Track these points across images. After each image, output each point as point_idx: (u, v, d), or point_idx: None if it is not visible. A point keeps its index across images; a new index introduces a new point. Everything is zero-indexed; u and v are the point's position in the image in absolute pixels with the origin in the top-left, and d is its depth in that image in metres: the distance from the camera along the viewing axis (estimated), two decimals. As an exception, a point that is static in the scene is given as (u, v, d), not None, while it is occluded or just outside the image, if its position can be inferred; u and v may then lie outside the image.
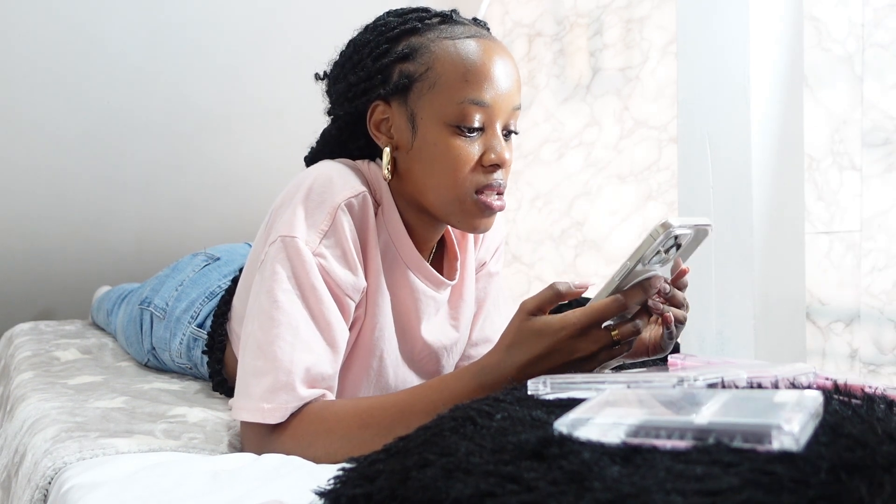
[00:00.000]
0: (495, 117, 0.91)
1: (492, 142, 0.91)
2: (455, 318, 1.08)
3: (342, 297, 0.90)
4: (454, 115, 0.89)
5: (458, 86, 0.89)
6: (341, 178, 0.92)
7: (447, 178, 0.90)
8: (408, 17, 0.95)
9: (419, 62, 0.91)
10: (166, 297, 1.36)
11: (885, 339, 1.55)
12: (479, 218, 0.93)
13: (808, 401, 0.47)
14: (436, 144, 0.90)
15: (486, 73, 0.89)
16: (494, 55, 0.91)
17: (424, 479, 0.46)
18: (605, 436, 0.46)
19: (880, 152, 1.54)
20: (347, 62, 0.98)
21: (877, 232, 1.55)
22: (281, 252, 0.88)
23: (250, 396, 0.86)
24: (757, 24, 1.51)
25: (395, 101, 0.93)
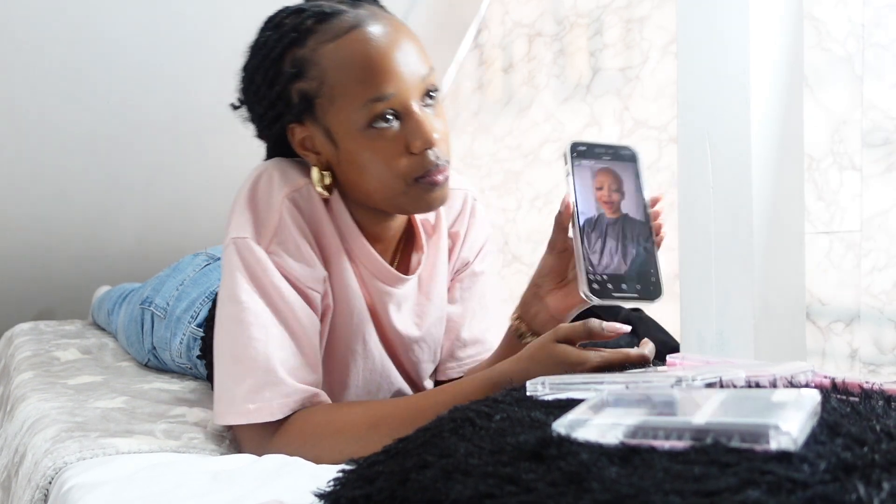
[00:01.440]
0: (406, 100, 0.87)
1: (411, 127, 0.88)
2: (419, 316, 1.06)
3: (304, 289, 0.90)
4: (364, 119, 0.87)
5: (356, 90, 0.86)
6: (284, 174, 0.92)
7: (383, 179, 0.89)
8: (284, 28, 0.91)
9: (310, 78, 0.89)
10: (167, 297, 1.36)
11: (885, 339, 1.55)
12: (428, 195, 0.91)
13: (806, 400, 0.47)
14: (358, 153, 0.89)
15: (379, 65, 0.86)
16: (381, 38, 0.87)
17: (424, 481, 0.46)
18: (604, 436, 0.46)
19: (880, 152, 1.54)
20: (248, 92, 0.96)
21: (877, 232, 1.55)
22: (235, 255, 0.88)
23: (232, 401, 0.85)
24: (757, 24, 1.51)
25: (307, 121, 0.91)
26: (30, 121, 1.95)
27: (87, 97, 1.96)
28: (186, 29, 1.96)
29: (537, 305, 0.93)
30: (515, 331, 0.95)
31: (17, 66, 1.83)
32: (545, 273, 0.92)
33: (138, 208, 2.28)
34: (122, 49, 1.92)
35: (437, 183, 0.90)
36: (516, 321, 0.95)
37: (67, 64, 1.88)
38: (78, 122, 2.00)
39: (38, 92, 1.91)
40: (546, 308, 0.92)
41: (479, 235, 1.13)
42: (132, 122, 2.06)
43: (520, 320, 0.95)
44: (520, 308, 0.96)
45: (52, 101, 1.93)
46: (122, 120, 2.05)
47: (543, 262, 0.92)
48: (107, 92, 1.97)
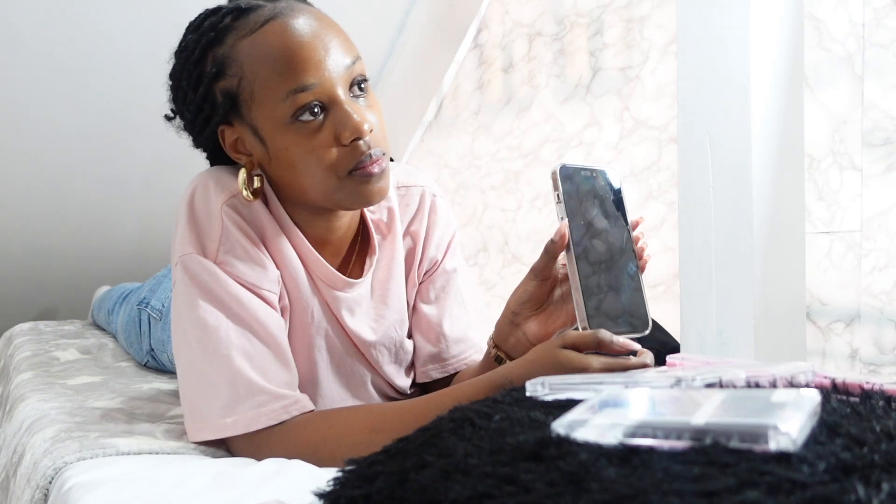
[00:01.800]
0: (330, 90, 0.85)
1: (339, 117, 0.85)
2: (375, 320, 1.03)
3: (260, 292, 0.89)
4: (287, 113, 0.84)
5: (275, 83, 0.84)
6: (217, 183, 0.91)
7: (315, 174, 0.86)
8: (204, 29, 0.89)
9: (230, 75, 0.87)
10: (163, 299, 1.36)
11: (886, 339, 1.55)
12: (365, 188, 0.87)
13: (805, 400, 0.47)
14: (287, 149, 0.86)
15: (297, 55, 0.83)
16: (297, 31, 0.84)
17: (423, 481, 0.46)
18: (603, 436, 0.46)
19: (880, 152, 1.54)
20: (175, 98, 0.94)
21: (877, 232, 1.55)
22: (184, 273, 0.87)
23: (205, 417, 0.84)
24: (757, 24, 1.51)
25: (234, 121, 0.90)
26: (29, 121, 1.95)
27: (86, 97, 1.96)
28: (186, 29, 1.96)
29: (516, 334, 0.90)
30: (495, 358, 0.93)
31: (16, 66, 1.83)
32: (524, 300, 0.89)
33: (138, 208, 2.28)
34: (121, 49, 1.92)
35: (372, 174, 0.86)
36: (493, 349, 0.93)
37: (67, 64, 1.88)
38: (77, 121, 2.00)
39: (37, 92, 1.91)
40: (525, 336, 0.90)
41: (445, 232, 1.09)
42: (131, 122, 2.06)
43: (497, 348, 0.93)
44: (495, 335, 0.93)
45: (51, 100, 1.93)
46: (122, 120, 2.05)
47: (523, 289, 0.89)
48: (106, 92, 1.97)
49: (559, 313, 0.89)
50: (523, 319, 0.90)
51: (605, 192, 0.84)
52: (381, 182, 0.88)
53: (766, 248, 1.53)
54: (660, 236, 1.98)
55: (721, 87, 1.55)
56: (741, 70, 1.51)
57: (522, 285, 0.90)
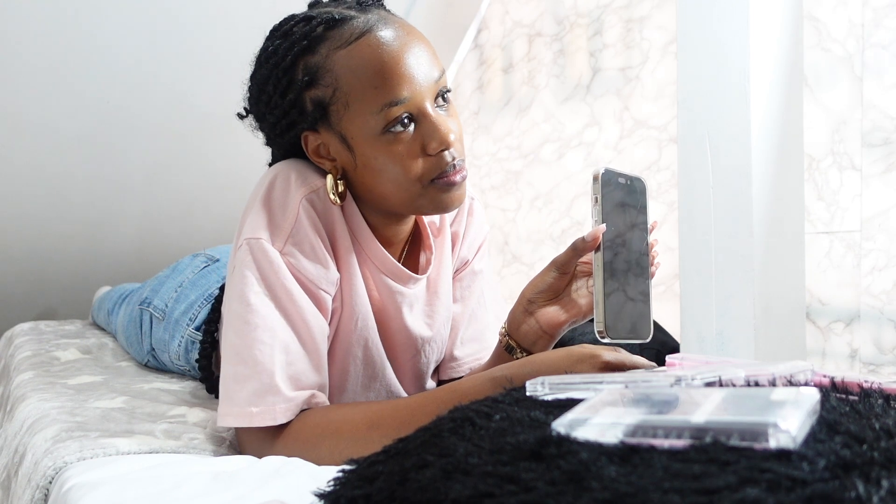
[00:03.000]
0: (420, 103, 0.87)
1: (427, 129, 0.88)
2: (430, 316, 1.06)
3: (316, 291, 0.90)
4: (379, 124, 0.86)
5: (370, 95, 0.86)
6: (300, 176, 0.92)
7: (399, 182, 0.88)
8: (294, 37, 0.90)
9: (323, 85, 0.88)
10: (165, 299, 1.36)
11: (885, 339, 1.55)
12: (446, 196, 0.90)
13: (805, 398, 0.47)
14: (376, 158, 0.88)
15: (393, 69, 0.86)
16: (391, 45, 0.87)
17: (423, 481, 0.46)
18: (603, 436, 0.46)
19: (880, 152, 1.54)
20: (259, 102, 0.95)
21: (877, 232, 1.55)
22: (248, 255, 0.88)
23: (236, 402, 0.85)
24: (757, 24, 1.51)
25: (321, 128, 0.91)
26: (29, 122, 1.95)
27: (86, 99, 1.96)
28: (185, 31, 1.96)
29: (528, 322, 0.93)
30: (505, 346, 0.95)
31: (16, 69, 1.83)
32: (541, 289, 0.92)
33: (138, 209, 2.28)
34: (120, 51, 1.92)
35: (454, 183, 0.90)
36: (504, 337, 0.95)
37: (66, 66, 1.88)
38: (77, 123, 2.00)
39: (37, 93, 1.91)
40: (537, 324, 0.92)
41: (478, 234, 1.13)
42: (131, 124, 2.06)
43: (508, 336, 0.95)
44: (508, 323, 0.96)
45: (51, 102, 1.93)
46: (122, 121, 2.05)
47: (541, 279, 0.92)
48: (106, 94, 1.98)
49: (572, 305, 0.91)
50: (537, 308, 0.92)
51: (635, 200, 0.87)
52: (461, 190, 0.91)
53: (766, 248, 1.53)
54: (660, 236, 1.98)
55: (721, 87, 1.55)
56: (741, 70, 1.51)
57: (541, 275, 0.93)
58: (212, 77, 2.06)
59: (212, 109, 2.12)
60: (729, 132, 1.54)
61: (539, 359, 0.82)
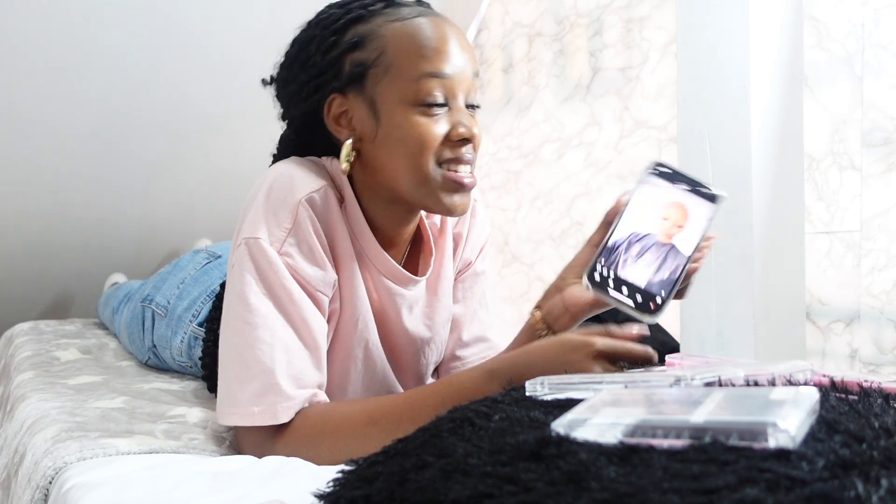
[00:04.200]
0: (456, 89, 0.90)
1: (457, 116, 0.90)
2: (429, 318, 1.06)
3: (313, 292, 0.90)
4: (415, 93, 0.88)
5: (415, 62, 0.89)
6: (301, 175, 0.92)
7: (415, 158, 0.89)
8: (351, 7, 0.94)
9: (370, 48, 0.91)
10: (168, 295, 1.36)
11: (885, 339, 1.55)
12: (451, 195, 0.91)
13: (804, 398, 0.47)
14: (401, 126, 0.89)
15: (440, 46, 0.89)
16: (444, 27, 0.91)
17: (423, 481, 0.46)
18: (603, 436, 0.46)
19: (880, 152, 1.54)
20: (295, 62, 0.96)
21: (877, 232, 1.55)
22: (246, 255, 0.88)
23: (238, 402, 0.85)
24: (757, 24, 1.51)
25: (351, 93, 0.92)
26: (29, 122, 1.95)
27: (86, 98, 1.96)
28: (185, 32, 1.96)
29: (555, 298, 0.94)
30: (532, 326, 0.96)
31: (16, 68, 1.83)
32: (574, 265, 0.94)
33: (138, 209, 2.28)
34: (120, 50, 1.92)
35: (463, 185, 0.91)
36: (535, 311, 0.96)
37: (66, 65, 1.88)
38: (77, 122, 2.00)
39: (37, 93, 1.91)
40: (561, 300, 0.93)
41: (480, 236, 1.14)
42: (131, 123, 2.06)
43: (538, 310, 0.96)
44: (542, 299, 0.96)
45: (51, 102, 1.93)
46: (122, 121, 2.05)
47: (577, 256, 0.94)
48: (106, 93, 1.98)
49: None
50: (566, 284, 0.94)
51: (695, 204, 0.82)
52: (466, 198, 0.93)
53: (766, 248, 1.53)
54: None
55: (721, 87, 1.55)
56: (741, 70, 1.51)
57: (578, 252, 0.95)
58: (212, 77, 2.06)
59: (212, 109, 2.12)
60: (729, 132, 1.54)
61: (533, 348, 0.82)
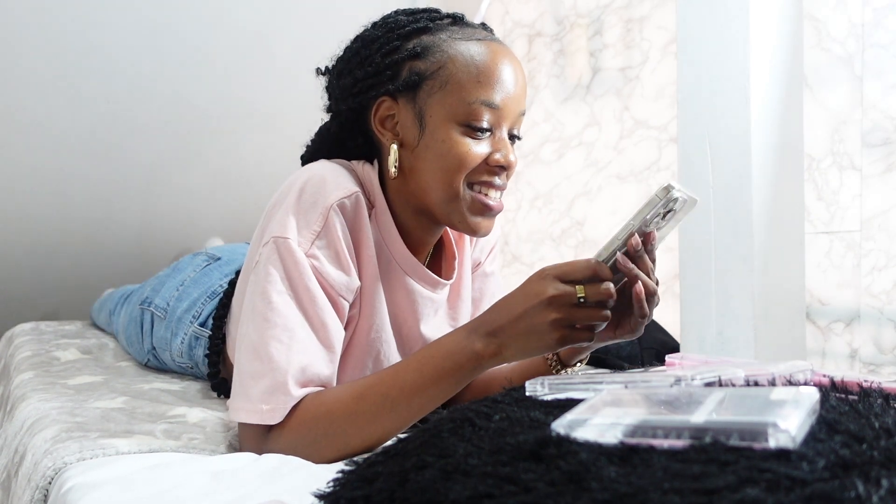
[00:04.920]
0: (504, 120, 0.92)
1: (499, 143, 0.92)
2: (454, 319, 1.08)
3: (336, 297, 0.91)
4: (465, 115, 0.90)
5: (471, 86, 0.90)
6: (334, 179, 0.92)
7: (450, 174, 0.91)
8: (419, 17, 0.96)
9: (431, 60, 0.92)
10: (167, 297, 1.36)
11: (885, 339, 1.55)
12: (478, 217, 0.94)
13: (804, 398, 0.47)
14: (444, 142, 0.91)
15: (498, 76, 0.91)
16: (506, 59, 0.93)
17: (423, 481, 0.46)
18: (603, 436, 0.46)
19: (880, 152, 1.54)
20: (354, 57, 0.97)
21: (877, 232, 1.55)
22: (274, 253, 0.88)
23: (248, 398, 0.86)
24: (757, 24, 1.51)
25: (402, 98, 0.93)
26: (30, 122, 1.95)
27: (86, 99, 1.96)
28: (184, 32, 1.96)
29: None
30: None
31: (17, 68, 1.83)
32: None
33: (138, 209, 2.28)
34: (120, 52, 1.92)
35: (492, 209, 0.93)
36: None
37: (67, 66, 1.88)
38: (78, 123, 2.00)
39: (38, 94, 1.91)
40: None
41: (490, 237, 1.15)
42: (131, 124, 2.06)
43: None
44: None
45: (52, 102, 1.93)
46: (122, 121, 2.05)
47: None
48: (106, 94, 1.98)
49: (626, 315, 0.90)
50: None
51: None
52: (490, 221, 0.95)
53: (766, 248, 1.53)
54: (660, 236, 1.98)
55: (721, 87, 1.55)
56: (741, 70, 1.51)
57: None
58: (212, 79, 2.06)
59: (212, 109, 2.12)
60: (729, 132, 1.54)
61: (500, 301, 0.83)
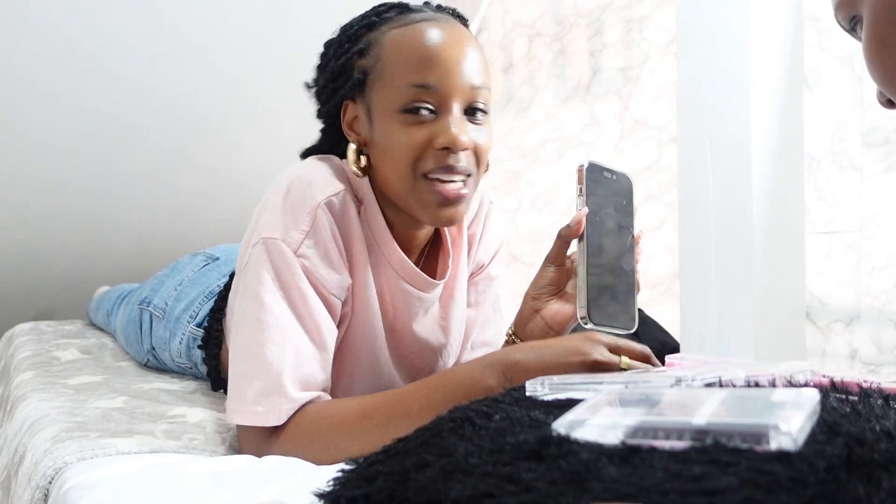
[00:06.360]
0: (448, 98, 0.88)
1: (442, 125, 0.87)
2: (444, 319, 1.06)
3: (328, 296, 0.90)
4: (400, 102, 0.87)
5: (401, 71, 0.88)
6: (321, 178, 0.92)
7: (398, 167, 0.88)
8: (367, 14, 0.95)
9: (371, 55, 0.91)
10: (165, 297, 1.36)
11: (885, 339, 1.55)
12: (435, 207, 0.89)
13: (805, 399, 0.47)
14: (387, 134, 0.89)
15: (429, 55, 0.87)
16: (440, 35, 0.89)
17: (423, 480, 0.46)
18: (604, 436, 0.46)
19: (880, 152, 1.54)
20: (320, 64, 0.99)
21: (877, 232, 1.55)
22: (263, 254, 0.88)
23: (243, 400, 0.85)
24: (757, 24, 1.51)
25: (358, 98, 0.93)
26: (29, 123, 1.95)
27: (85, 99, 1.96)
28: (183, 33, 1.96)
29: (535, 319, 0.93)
30: None
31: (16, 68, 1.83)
32: (542, 285, 0.92)
33: (138, 209, 2.28)
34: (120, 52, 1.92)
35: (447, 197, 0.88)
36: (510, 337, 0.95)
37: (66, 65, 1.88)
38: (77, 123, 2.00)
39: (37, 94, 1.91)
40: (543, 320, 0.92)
41: (495, 238, 1.13)
42: (130, 124, 2.06)
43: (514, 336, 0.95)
44: (515, 324, 0.95)
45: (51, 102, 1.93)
46: (121, 122, 2.05)
47: (541, 275, 0.93)
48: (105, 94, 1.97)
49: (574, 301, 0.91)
50: (542, 305, 0.92)
51: (621, 195, 0.88)
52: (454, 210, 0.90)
53: (766, 248, 1.53)
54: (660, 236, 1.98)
55: (721, 87, 1.55)
56: (741, 70, 1.51)
57: (539, 272, 0.93)
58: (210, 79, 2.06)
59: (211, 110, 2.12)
60: (729, 132, 1.54)
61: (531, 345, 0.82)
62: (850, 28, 0.66)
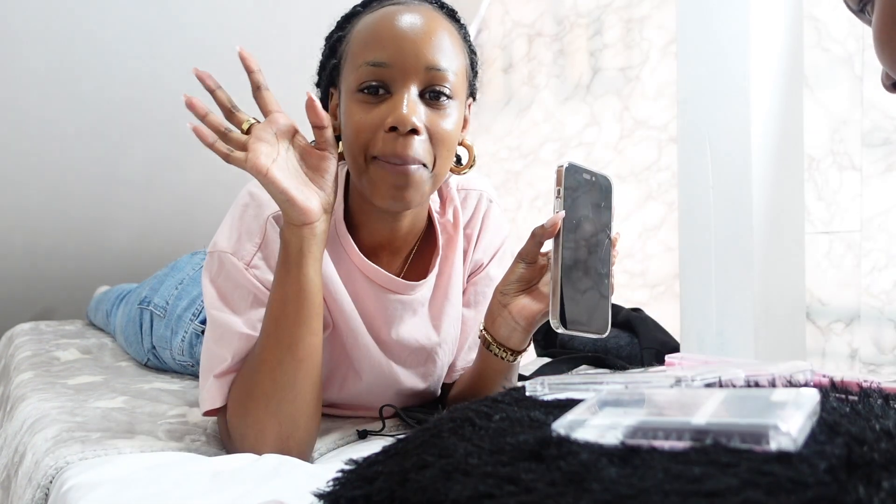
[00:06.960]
0: (401, 79, 0.84)
1: (393, 104, 0.84)
2: (437, 319, 1.04)
3: None
4: (355, 81, 0.85)
5: (359, 51, 0.87)
6: None
7: (352, 148, 0.86)
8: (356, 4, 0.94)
9: (345, 41, 0.91)
10: (166, 296, 1.36)
11: (885, 339, 1.55)
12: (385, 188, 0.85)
13: (805, 399, 0.47)
14: (347, 115, 0.87)
15: (385, 33, 0.85)
16: (404, 16, 0.86)
17: (423, 481, 0.46)
18: (603, 437, 0.46)
19: (880, 152, 1.54)
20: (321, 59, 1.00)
21: (877, 232, 1.55)
22: (212, 266, 0.91)
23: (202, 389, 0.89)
24: (757, 24, 1.51)
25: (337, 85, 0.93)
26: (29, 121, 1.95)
27: (86, 98, 1.96)
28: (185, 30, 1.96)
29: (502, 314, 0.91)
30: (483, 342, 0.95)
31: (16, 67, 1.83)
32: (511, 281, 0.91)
33: (138, 208, 2.28)
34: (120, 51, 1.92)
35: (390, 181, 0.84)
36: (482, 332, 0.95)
37: (67, 64, 1.88)
38: (77, 122, 2.00)
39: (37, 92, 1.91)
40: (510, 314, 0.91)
41: (494, 238, 1.10)
42: (131, 123, 2.06)
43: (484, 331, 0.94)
44: (485, 319, 0.94)
45: (51, 102, 1.93)
46: (121, 120, 2.05)
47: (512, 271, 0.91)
48: (106, 92, 1.98)
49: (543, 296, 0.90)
50: (510, 300, 0.91)
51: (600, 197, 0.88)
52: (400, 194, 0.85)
53: (766, 248, 1.53)
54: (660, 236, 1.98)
55: (721, 87, 1.55)
56: (741, 70, 1.51)
57: (510, 268, 0.92)
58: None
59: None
60: (729, 132, 1.54)
61: None
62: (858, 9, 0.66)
